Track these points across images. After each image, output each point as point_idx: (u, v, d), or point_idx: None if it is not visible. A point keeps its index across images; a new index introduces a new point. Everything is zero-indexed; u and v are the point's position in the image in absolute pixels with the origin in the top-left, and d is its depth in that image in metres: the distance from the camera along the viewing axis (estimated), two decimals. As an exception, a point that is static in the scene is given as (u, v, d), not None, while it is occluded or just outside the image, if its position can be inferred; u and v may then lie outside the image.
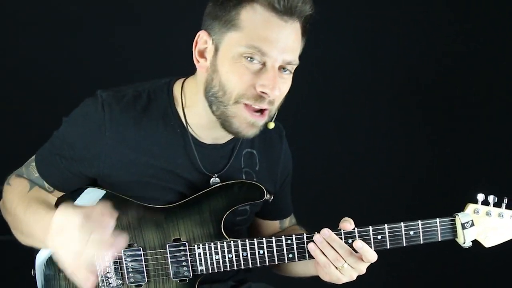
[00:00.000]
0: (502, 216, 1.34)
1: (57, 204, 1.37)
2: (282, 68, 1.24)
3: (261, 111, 1.26)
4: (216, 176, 1.39)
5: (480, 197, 1.34)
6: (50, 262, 1.36)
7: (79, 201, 1.37)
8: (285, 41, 1.21)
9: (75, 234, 1.07)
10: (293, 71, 1.28)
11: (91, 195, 1.37)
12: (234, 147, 1.42)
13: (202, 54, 1.28)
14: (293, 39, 1.24)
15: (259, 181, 1.42)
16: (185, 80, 1.38)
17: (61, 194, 1.39)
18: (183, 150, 1.36)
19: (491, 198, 1.34)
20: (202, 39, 1.27)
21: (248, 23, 1.20)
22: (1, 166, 1.40)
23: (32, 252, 1.40)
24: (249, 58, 1.21)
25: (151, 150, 1.34)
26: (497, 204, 1.35)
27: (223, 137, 1.39)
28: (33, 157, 1.40)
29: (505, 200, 1.35)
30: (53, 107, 1.38)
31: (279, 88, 1.23)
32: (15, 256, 1.48)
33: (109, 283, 1.33)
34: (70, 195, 1.39)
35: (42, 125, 1.41)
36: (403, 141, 2.57)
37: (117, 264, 1.32)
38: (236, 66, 1.21)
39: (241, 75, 1.21)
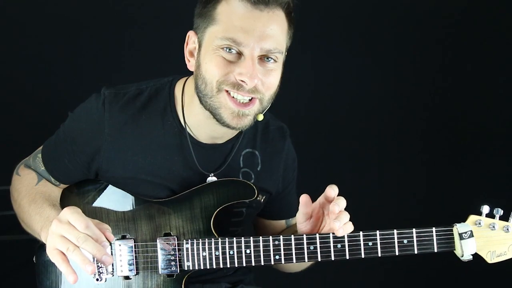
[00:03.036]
0: (508, 230, 1.24)
1: (63, 194, 1.44)
2: (265, 57, 1.25)
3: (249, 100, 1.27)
4: (212, 175, 1.40)
5: (485, 209, 1.25)
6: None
7: None
8: (262, 30, 1.22)
9: (74, 230, 1.14)
10: (279, 60, 1.27)
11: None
12: (233, 147, 1.42)
13: (192, 54, 1.32)
14: (272, 27, 1.23)
15: (260, 181, 1.43)
16: (187, 79, 1.41)
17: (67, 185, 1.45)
18: (180, 148, 1.38)
19: (497, 211, 1.25)
20: (191, 39, 1.32)
21: (224, 16, 1.23)
22: (1, 164, 1.46)
23: (32, 248, 1.45)
24: (227, 49, 1.23)
25: (148, 148, 1.37)
26: (504, 218, 1.26)
27: (221, 137, 1.40)
28: (40, 148, 1.47)
29: (512, 214, 1.25)
30: (53, 106, 1.46)
31: (257, 76, 1.23)
32: (15, 256, 1.53)
33: (100, 273, 1.35)
34: (75, 185, 1.44)
35: (43, 123, 1.48)
36: (411, 150, 2.59)
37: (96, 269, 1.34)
38: (214, 57, 1.24)
39: (218, 64, 1.23)
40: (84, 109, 1.40)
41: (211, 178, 1.40)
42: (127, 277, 1.34)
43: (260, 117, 1.32)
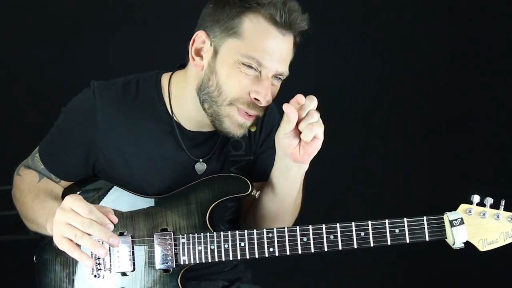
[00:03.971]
0: (498, 217, 1.25)
1: (64, 194, 1.46)
2: (274, 76, 1.32)
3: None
4: (201, 161, 1.44)
5: (475, 198, 1.27)
6: (49, 248, 1.43)
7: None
8: (280, 53, 1.29)
9: (78, 216, 1.18)
10: (283, 79, 1.36)
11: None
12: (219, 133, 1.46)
13: (198, 53, 1.36)
14: (287, 51, 1.32)
15: (249, 148, 1.49)
16: (172, 73, 1.46)
17: (68, 183, 1.48)
18: (169, 136, 1.43)
19: (487, 200, 1.27)
20: (200, 39, 1.34)
21: (249, 33, 1.28)
22: (1, 164, 1.50)
23: (32, 248, 1.48)
24: (248, 66, 1.28)
25: (141, 136, 1.42)
26: (494, 206, 1.27)
27: (208, 126, 1.43)
28: (37, 148, 1.50)
29: (503, 202, 1.26)
30: (53, 106, 1.50)
31: (270, 95, 1.31)
32: (15, 256, 1.55)
33: (98, 270, 1.37)
34: (76, 185, 1.48)
35: (43, 123, 1.52)
36: (406, 143, 2.64)
37: (108, 251, 1.37)
38: (235, 72, 1.29)
39: (240, 80, 1.29)
40: (76, 101, 1.46)
41: (201, 165, 1.45)
42: (124, 273, 1.36)
43: (253, 128, 1.39)
